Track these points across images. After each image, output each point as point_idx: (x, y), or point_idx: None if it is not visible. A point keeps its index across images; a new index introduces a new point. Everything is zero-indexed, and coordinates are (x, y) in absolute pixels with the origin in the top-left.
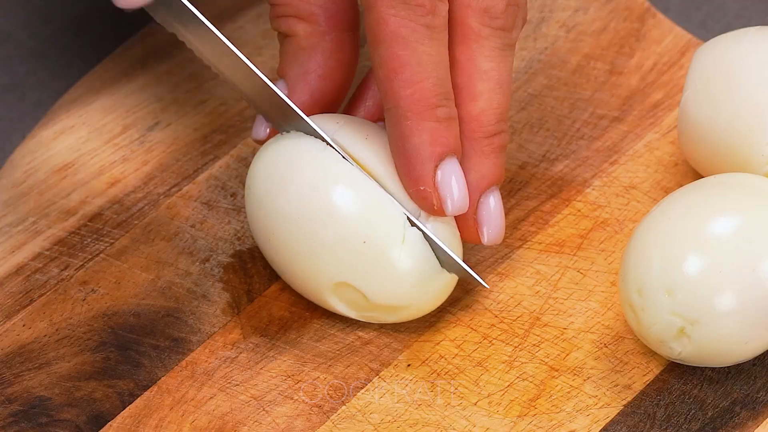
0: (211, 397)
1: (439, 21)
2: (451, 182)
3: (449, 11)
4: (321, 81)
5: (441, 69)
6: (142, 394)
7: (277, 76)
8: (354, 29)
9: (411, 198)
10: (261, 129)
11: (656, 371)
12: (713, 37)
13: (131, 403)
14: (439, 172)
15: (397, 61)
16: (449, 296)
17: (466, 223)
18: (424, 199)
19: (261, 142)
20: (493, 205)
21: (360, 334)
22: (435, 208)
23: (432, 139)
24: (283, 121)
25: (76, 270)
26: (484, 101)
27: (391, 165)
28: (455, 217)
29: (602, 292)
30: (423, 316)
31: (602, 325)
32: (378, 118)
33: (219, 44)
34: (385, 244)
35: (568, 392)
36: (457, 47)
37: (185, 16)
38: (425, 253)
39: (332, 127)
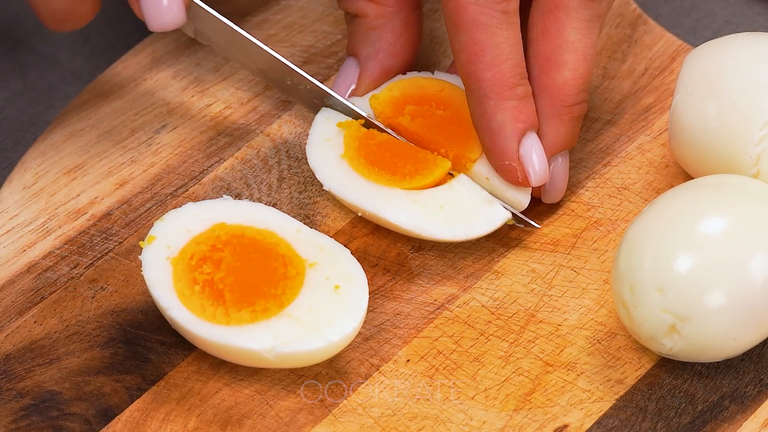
0: (216, 392)
1: (513, 6)
2: (533, 156)
3: None
4: (391, 58)
5: (517, 51)
6: (149, 388)
7: (347, 54)
8: (419, 7)
9: (497, 172)
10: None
11: (648, 366)
12: (703, 42)
13: (139, 397)
14: (521, 147)
15: (477, 46)
16: (447, 294)
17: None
18: (509, 172)
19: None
20: (559, 167)
21: (361, 330)
22: (519, 180)
23: (514, 117)
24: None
25: (85, 268)
26: (569, 71)
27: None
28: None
29: (595, 289)
30: (422, 314)
31: (595, 321)
32: None
33: (243, 42)
34: None
35: (563, 387)
36: (546, 17)
37: (212, 25)
38: None
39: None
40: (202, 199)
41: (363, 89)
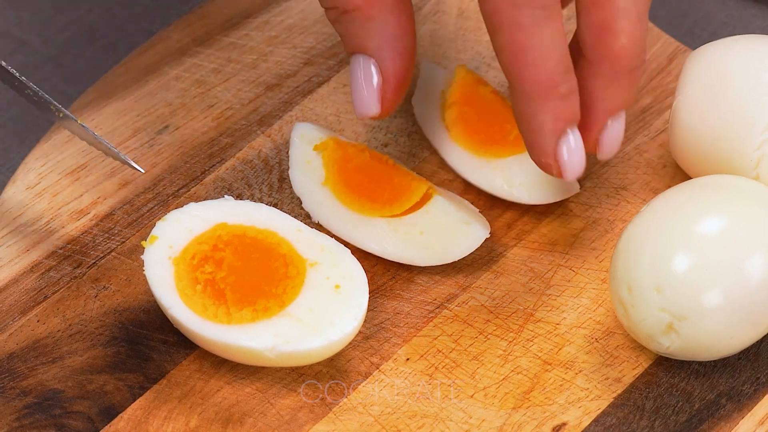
0: (218, 390)
1: None
2: (570, 156)
3: None
4: (405, 40)
5: (560, 45)
6: (151, 386)
7: (350, 53)
8: None
9: (538, 166)
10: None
11: (645, 365)
12: (700, 44)
13: (141, 395)
14: (559, 147)
15: (517, 46)
16: (446, 293)
17: (590, 138)
18: (547, 168)
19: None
20: (617, 129)
21: (361, 329)
22: (555, 174)
23: (555, 117)
24: None
25: (88, 268)
26: (626, 37)
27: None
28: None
29: (593, 289)
30: (421, 313)
31: (593, 320)
32: None
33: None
34: None
35: (561, 385)
36: None
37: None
38: None
39: None
40: (204, 200)
41: (394, 84)
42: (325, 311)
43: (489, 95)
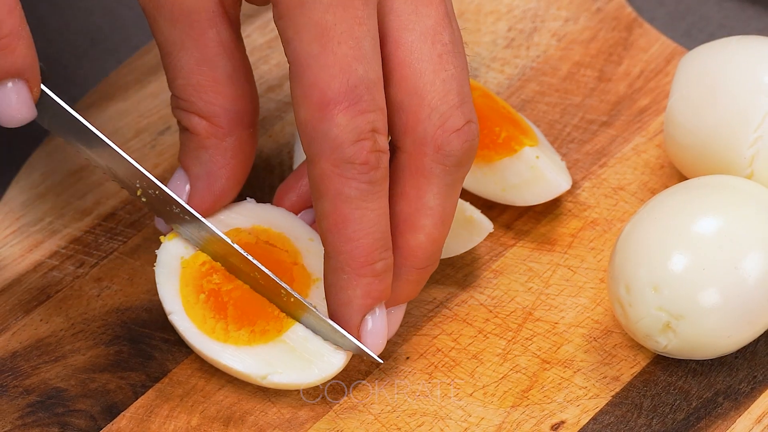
0: (219, 388)
1: (381, 174)
2: (375, 333)
3: (403, 142)
4: (223, 181)
5: (382, 222)
6: (153, 385)
7: (179, 163)
8: (254, 125)
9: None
10: (164, 224)
11: (643, 364)
12: (697, 45)
13: (143, 394)
14: (363, 324)
15: (340, 217)
16: (445, 292)
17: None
18: (346, 339)
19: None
20: (393, 319)
21: None
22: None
23: (365, 293)
24: (178, 221)
25: (90, 267)
26: (425, 236)
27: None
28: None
29: (592, 288)
30: (421, 312)
31: (592, 319)
32: (300, 209)
33: (94, 139)
34: None
35: (559, 383)
36: (407, 181)
37: (63, 119)
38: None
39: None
40: None
41: (195, 210)
42: (321, 343)
43: (478, 99)
